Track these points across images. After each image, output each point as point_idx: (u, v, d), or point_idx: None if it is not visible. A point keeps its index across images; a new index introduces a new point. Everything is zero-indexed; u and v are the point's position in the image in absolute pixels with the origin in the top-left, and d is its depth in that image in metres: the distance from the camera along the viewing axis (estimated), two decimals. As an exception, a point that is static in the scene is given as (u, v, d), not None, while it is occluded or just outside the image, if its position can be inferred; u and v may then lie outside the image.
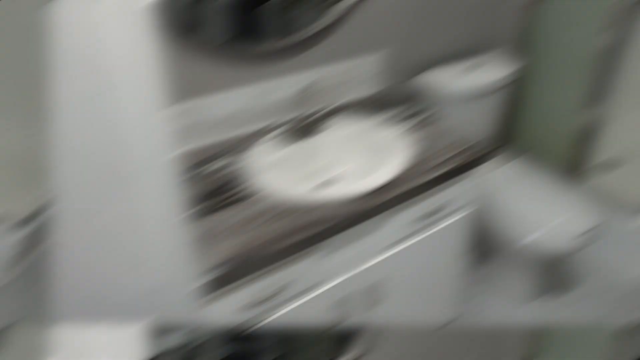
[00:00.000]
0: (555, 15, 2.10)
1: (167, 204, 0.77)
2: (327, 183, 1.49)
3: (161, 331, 0.79)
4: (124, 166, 0.68)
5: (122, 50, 0.62)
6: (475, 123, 2.00)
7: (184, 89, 1.42)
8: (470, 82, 1.87)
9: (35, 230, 0.67)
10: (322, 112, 1.38)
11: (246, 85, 1.53)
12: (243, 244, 1.14)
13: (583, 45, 2.03)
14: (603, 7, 1.90)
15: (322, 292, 1.32)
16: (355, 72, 1.75)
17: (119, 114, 0.64)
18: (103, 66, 0.61)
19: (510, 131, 2.49)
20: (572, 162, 2.23)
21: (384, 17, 1.75)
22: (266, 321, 1.24)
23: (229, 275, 1.08)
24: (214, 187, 1.33)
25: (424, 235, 1.49)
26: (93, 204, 0.68)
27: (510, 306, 2.03)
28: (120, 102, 0.63)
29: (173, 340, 0.79)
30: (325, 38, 1.63)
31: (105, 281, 0.75)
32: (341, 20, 1.63)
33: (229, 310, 1.15)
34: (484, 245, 2.13)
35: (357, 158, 1.53)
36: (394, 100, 1.76)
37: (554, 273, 2.15)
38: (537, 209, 1.84)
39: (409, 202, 1.37)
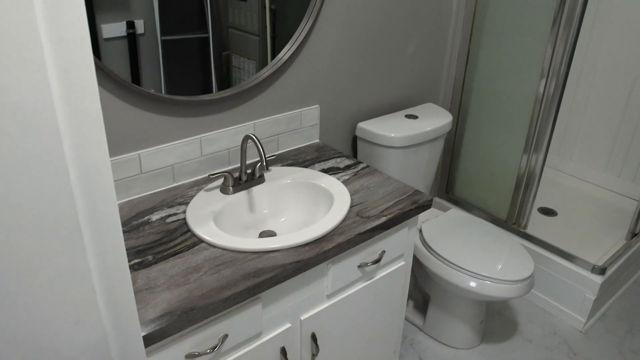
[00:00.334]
0: (491, 65, 2.26)
1: (108, 255, 0.77)
2: (268, 233, 1.50)
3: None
4: (67, 217, 0.67)
5: (66, 102, 0.63)
6: (414, 172, 2.08)
7: (125, 141, 1.43)
8: (408, 131, 1.95)
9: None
10: (262, 163, 1.42)
11: (186, 136, 1.55)
12: (184, 295, 1.12)
13: (518, 94, 2.17)
14: (537, 57, 2.06)
15: (264, 342, 1.31)
16: (294, 123, 1.81)
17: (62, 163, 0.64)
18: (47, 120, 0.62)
19: (449, 179, 2.60)
20: (510, 209, 2.34)
21: (319, 72, 1.83)
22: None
23: (170, 327, 1.06)
24: (155, 239, 1.31)
25: (365, 284, 1.50)
26: (35, 259, 0.67)
27: (452, 352, 2.06)
28: (63, 152, 0.64)
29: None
30: (263, 91, 1.69)
31: (45, 336, 0.73)
32: (278, 73, 1.71)
33: (168, 365, 1.12)
34: (425, 292, 2.17)
35: (298, 208, 1.56)
36: (332, 151, 1.82)
37: (495, 319, 2.20)
38: (477, 256, 1.90)
39: (350, 251, 1.39)
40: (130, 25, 1.34)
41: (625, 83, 2.71)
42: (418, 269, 2.07)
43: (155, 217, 1.41)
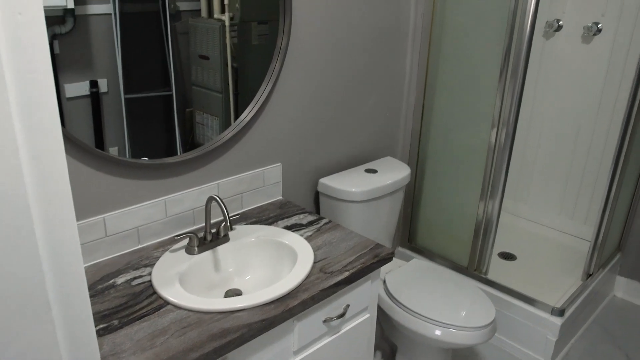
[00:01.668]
0: (445, 118, 2.38)
1: (76, 326, 0.79)
2: (234, 292, 1.53)
3: None
4: (36, 294, 0.71)
5: (38, 185, 0.67)
6: (376, 224, 2.15)
7: (90, 204, 1.46)
8: (368, 186, 2.02)
9: None
10: (226, 222, 1.46)
11: (151, 198, 1.59)
12: (151, 359, 1.14)
13: (472, 143, 2.29)
14: (487, 108, 2.19)
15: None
16: (257, 182, 1.87)
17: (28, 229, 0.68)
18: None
19: (411, 229, 2.67)
20: (471, 255, 2.42)
21: (281, 131, 1.91)
22: None
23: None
24: (120, 303, 1.33)
25: (331, 338, 1.53)
26: (4, 335, 0.69)
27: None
28: (34, 231, 0.68)
29: None
30: (226, 151, 1.75)
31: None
32: (241, 134, 1.77)
33: None
34: (392, 342, 2.20)
35: (262, 266, 1.60)
36: (295, 207, 1.88)
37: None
38: (440, 305, 1.95)
39: (314, 307, 1.42)
40: (94, 84, 1.38)
41: (571, 130, 2.88)
42: (384, 319, 2.11)
43: (120, 280, 1.42)
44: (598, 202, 2.85)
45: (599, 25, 2.64)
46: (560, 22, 2.77)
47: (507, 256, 2.78)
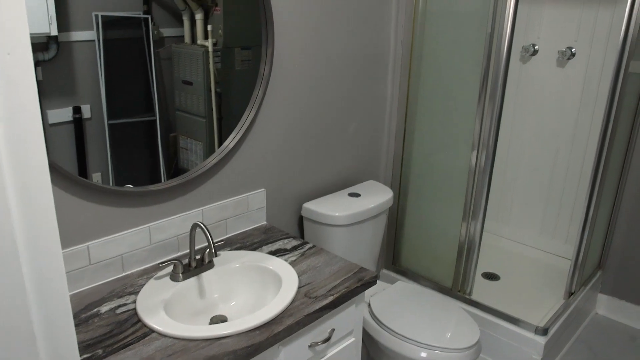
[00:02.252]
0: (426, 141, 2.42)
1: (60, 353, 0.79)
2: (219, 318, 1.53)
3: None
4: (22, 327, 0.70)
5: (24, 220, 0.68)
6: (361, 247, 2.16)
7: (73, 233, 1.46)
8: (351, 210, 2.04)
9: None
10: (210, 249, 1.46)
11: (135, 226, 1.59)
12: (134, 389, 1.13)
13: (453, 166, 2.32)
14: (467, 131, 2.23)
15: None
16: (241, 207, 1.87)
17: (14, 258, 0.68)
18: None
19: (395, 251, 2.69)
20: (454, 276, 2.44)
21: (264, 157, 1.93)
22: None
23: None
24: (104, 332, 1.32)
25: (317, 363, 1.54)
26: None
27: None
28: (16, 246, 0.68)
29: None
30: (210, 178, 1.76)
31: None
32: (224, 161, 1.79)
33: None
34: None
35: (247, 291, 1.60)
36: (279, 232, 1.89)
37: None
38: (425, 326, 1.96)
39: (300, 332, 1.43)
40: (77, 110, 1.38)
41: (550, 151, 2.94)
42: (370, 343, 2.11)
43: (104, 308, 1.41)
44: (578, 221, 2.90)
45: (573, 50, 2.72)
46: (536, 47, 2.84)
47: (491, 276, 2.80)
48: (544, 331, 2.21)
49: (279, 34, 1.83)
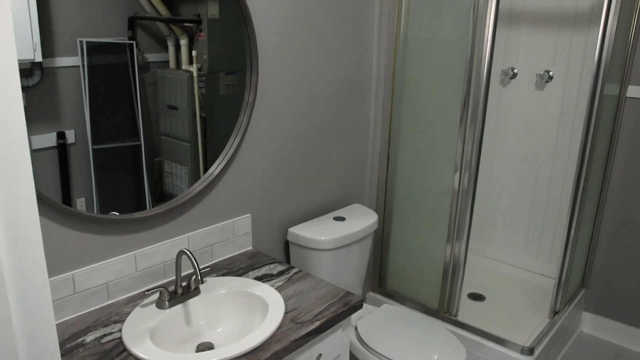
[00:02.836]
0: (410, 164, 2.44)
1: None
2: (205, 345, 1.51)
3: None
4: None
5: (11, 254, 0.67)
6: (346, 270, 2.15)
7: (58, 262, 1.44)
8: (337, 234, 2.04)
9: None
10: (196, 276, 1.45)
11: (121, 253, 1.58)
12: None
13: (436, 188, 2.34)
14: (450, 154, 2.25)
15: None
16: (227, 233, 1.87)
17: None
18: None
19: (381, 273, 2.69)
20: (440, 298, 2.44)
21: (250, 183, 1.93)
22: None
23: None
24: (92, 359, 1.29)
25: (305, 389, 1.52)
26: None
27: None
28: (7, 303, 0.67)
29: None
30: (196, 204, 1.76)
31: None
32: (210, 187, 1.79)
33: None
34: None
35: (234, 318, 1.59)
36: (265, 257, 1.88)
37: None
38: (412, 349, 1.96)
39: (287, 358, 1.42)
40: (61, 135, 1.38)
41: (531, 172, 2.98)
42: (357, 366, 2.10)
43: (89, 338, 1.39)
44: (560, 240, 2.93)
45: (550, 73, 2.79)
46: (515, 70, 2.91)
47: (476, 297, 2.81)
48: (530, 351, 2.22)
49: (263, 62, 1.85)
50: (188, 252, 1.47)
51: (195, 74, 1.66)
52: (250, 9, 1.76)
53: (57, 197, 1.40)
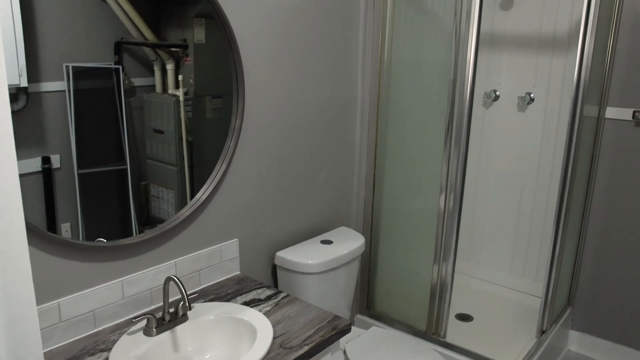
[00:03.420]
0: (395, 187, 2.45)
1: None
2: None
3: None
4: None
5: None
6: (334, 293, 2.14)
7: (43, 290, 1.42)
8: (324, 257, 2.04)
9: None
10: (184, 302, 1.43)
11: (107, 280, 1.56)
12: None
13: (422, 209, 2.35)
14: (435, 175, 2.27)
15: None
16: (214, 258, 1.85)
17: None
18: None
19: (369, 296, 2.68)
20: (428, 319, 2.43)
21: (237, 207, 1.93)
22: None
23: None
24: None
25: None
26: None
27: None
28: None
29: None
30: (183, 230, 1.75)
31: None
32: (197, 213, 1.78)
33: None
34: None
35: (222, 344, 1.57)
36: (253, 282, 1.86)
37: None
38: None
39: (277, 384, 1.41)
40: (46, 160, 1.37)
41: (515, 192, 3.02)
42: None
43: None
44: (545, 259, 2.96)
45: (532, 95, 2.84)
46: (497, 93, 2.96)
47: (464, 317, 2.81)
48: (518, 371, 2.22)
49: (249, 88, 1.87)
50: (176, 279, 1.45)
51: (181, 98, 1.66)
52: (237, 36, 1.78)
53: (41, 223, 1.38)
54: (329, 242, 2.20)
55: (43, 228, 1.38)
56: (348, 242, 2.20)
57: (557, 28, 2.72)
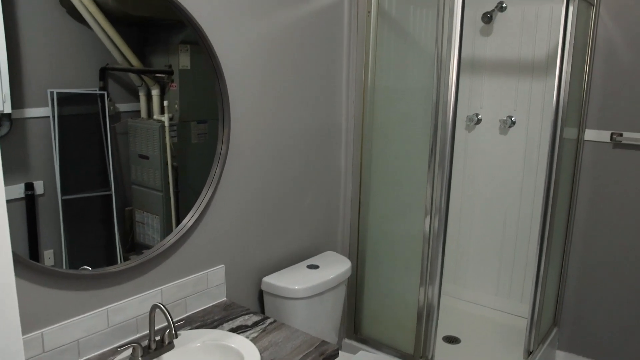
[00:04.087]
0: (381, 210, 2.46)
1: None
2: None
3: None
4: None
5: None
6: (321, 318, 2.13)
7: (26, 320, 1.39)
8: (311, 282, 2.03)
9: None
10: (170, 329, 1.41)
11: (92, 309, 1.54)
12: None
13: (408, 232, 2.36)
14: (419, 198, 2.28)
15: None
16: (200, 285, 1.83)
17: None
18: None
19: (356, 320, 2.66)
20: (416, 342, 2.42)
21: (223, 234, 1.93)
22: None
23: None
24: None
25: None
26: None
27: None
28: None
29: None
30: (169, 257, 1.74)
31: None
32: (183, 239, 1.77)
33: None
34: None
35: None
36: (239, 308, 1.84)
37: None
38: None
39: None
40: (29, 186, 1.35)
41: (499, 214, 3.05)
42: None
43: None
44: (531, 280, 2.97)
45: (513, 119, 2.90)
46: (480, 116, 3.01)
47: (452, 340, 2.81)
48: (506, 394, 2.21)
49: (235, 114, 1.88)
50: (162, 306, 1.43)
51: (166, 124, 1.66)
52: (222, 63, 1.79)
53: (24, 251, 1.36)
54: (315, 266, 2.19)
55: (25, 256, 1.36)
56: (334, 266, 2.19)
57: (536, 54, 2.79)
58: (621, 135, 2.52)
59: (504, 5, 2.83)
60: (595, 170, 2.63)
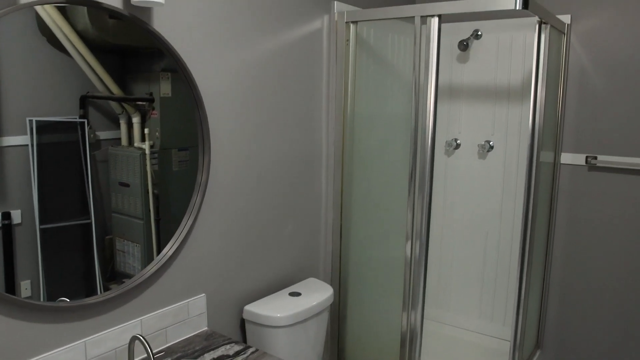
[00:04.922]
0: (362, 236, 2.46)
1: None
2: None
3: None
4: None
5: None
6: (304, 346, 2.10)
7: (2, 353, 1.36)
8: (293, 310, 2.02)
9: None
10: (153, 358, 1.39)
11: (70, 342, 1.50)
12: None
13: (389, 257, 2.36)
14: (400, 223, 2.29)
15: None
16: (181, 315, 1.81)
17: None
18: None
19: (339, 346, 2.63)
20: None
21: (203, 262, 1.91)
22: None
23: None
24: None
25: None
26: None
27: None
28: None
29: None
30: (149, 287, 1.72)
31: None
32: (163, 269, 1.76)
33: None
34: None
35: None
36: (221, 337, 1.82)
37: None
38: None
39: None
40: (6, 216, 1.33)
41: (480, 238, 3.07)
42: None
43: None
44: (512, 303, 2.99)
45: (491, 143, 2.95)
46: (458, 141, 3.06)
47: (435, 365, 2.79)
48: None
49: (215, 143, 1.88)
50: (141, 338, 1.40)
51: (147, 151, 1.66)
52: (202, 92, 1.80)
53: None
54: (297, 294, 2.17)
55: (1, 289, 1.32)
56: (316, 293, 2.18)
57: (511, 79, 2.86)
58: (595, 158, 2.58)
59: (479, 33, 2.90)
60: (572, 193, 2.68)
